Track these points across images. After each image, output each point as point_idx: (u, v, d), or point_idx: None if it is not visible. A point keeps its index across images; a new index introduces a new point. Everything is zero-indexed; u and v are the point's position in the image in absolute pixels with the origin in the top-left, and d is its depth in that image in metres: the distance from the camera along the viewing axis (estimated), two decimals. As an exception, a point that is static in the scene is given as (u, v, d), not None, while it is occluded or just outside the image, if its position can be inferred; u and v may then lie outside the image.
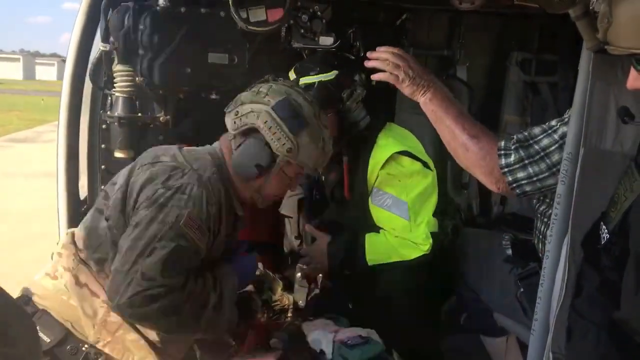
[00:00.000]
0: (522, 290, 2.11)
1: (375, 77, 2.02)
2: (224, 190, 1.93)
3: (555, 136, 1.74)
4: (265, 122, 1.90)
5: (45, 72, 71.14)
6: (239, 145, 1.95)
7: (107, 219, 1.90)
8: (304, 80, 2.34)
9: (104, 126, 2.47)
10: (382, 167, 2.38)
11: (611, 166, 1.46)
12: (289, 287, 2.82)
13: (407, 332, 2.40)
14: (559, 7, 1.43)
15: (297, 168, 2.00)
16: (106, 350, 1.86)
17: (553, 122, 1.78)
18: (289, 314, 2.65)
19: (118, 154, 2.41)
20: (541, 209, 2.00)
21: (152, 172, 1.85)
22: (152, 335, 1.85)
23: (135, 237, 1.76)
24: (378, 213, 2.41)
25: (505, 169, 1.77)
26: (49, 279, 1.92)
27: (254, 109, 1.91)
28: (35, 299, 1.89)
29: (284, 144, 1.90)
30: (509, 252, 2.22)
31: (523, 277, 2.13)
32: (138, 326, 1.87)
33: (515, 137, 1.80)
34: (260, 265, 2.74)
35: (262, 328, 2.10)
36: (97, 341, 1.85)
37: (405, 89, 1.95)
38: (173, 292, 1.75)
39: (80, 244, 1.96)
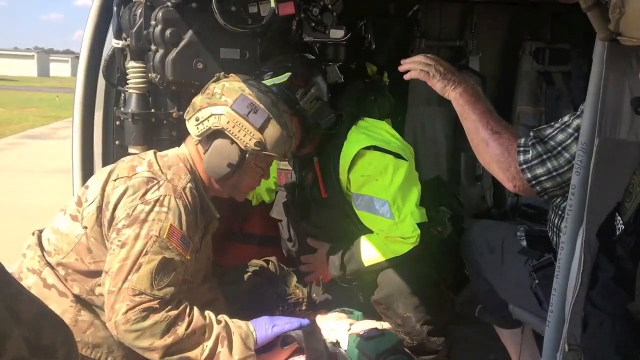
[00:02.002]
0: (537, 281, 2.10)
1: (407, 76, 2.04)
2: (198, 196, 1.97)
3: (570, 130, 1.73)
4: (228, 123, 1.94)
5: (60, 69, 71.68)
6: (207, 149, 1.99)
7: (84, 227, 1.91)
8: None
9: (117, 122, 2.49)
10: (352, 166, 2.36)
11: (626, 156, 1.45)
12: (303, 281, 2.84)
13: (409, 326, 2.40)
14: (570, -3, 1.41)
15: (267, 158, 2.05)
16: None
17: (566, 118, 1.77)
18: (303, 307, 2.66)
19: (132, 150, 2.42)
20: (556, 201, 1.99)
21: (129, 186, 1.87)
22: (153, 358, 1.83)
23: (122, 257, 1.79)
24: (363, 217, 2.41)
25: (524, 166, 1.76)
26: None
27: (213, 112, 1.95)
28: None
29: (251, 140, 1.95)
30: (524, 243, 2.20)
31: (538, 268, 2.11)
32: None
33: (532, 133, 1.78)
34: (273, 259, 2.76)
35: None
36: None
37: (437, 84, 1.95)
38: (166, 306, 1.78)
39: (48, 247, 1.97)
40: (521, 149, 1.77)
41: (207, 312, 1.89)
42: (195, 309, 1.85)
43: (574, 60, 3.27)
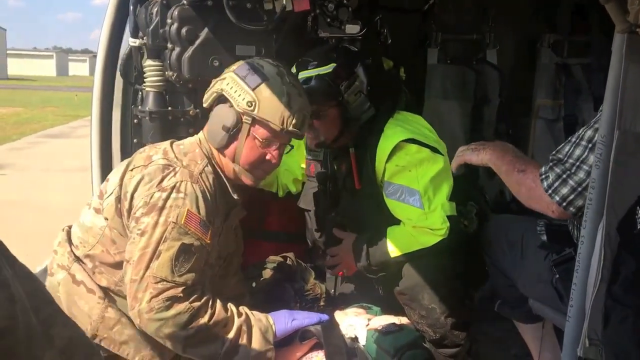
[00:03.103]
0: (557, 276, 2.08)
1: (454, 169, 2.22)
2: (217, 180, 1.97)
3: (583, 142, 1.76)
4: (227, 84, 1.96)
5: (78, 68, 72.50)
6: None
7: (105, 219, 1.94)
8: (302, 74, 2.35)
9: (135, 121, 2.51)
10: (390, 157, 2.36)
11: (647, 149, 1.43)
12: (320, 276, 2.84)
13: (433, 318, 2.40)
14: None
15: (266, 129, 1.96)
16: (103, 345, 1.91)
17: (580, 131, 1.80)
18: (322, 303, 2.67)
19: (150, 148, 2.44)
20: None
21: (145, 174, 1.88)
22: (175, 349, 1.86)
23: (143, 246, 1.80)
24: (393, 205, 2.40)
25: (549, 191, 1.81)
26: (47, 276, 1.98)
27: (220, 79, 1.99)
28: None
29: (244, 99, 1.92)
30: (544, 237, 2.18)
31: (558, 263, 2.09)
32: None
33: (550, 157, 1.85)
34: (291, 255, 2.77)
35: None
36: (93, 337, 1.89)
37: (473, 158, 2.12)
38: (190, 295, 1.79)
39: (76, 241, 2.00)
40: (543, 176, 1.83)
41: (229, 305, 1.90)
42: (218, 301, 1.86)
43: (593, 52, 3.23)
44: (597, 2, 1.43)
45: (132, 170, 1.92)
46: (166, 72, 2.37)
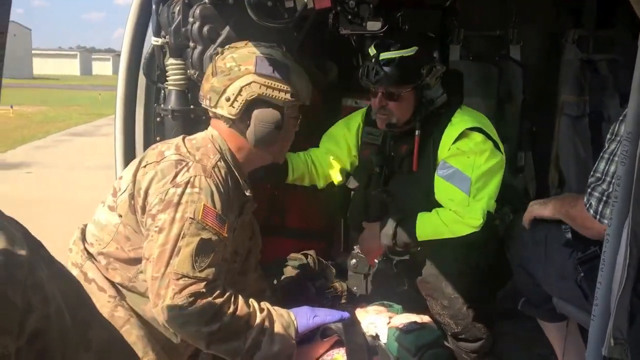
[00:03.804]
0: (582, 274, 2.05)
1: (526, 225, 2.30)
2: (229, 175, 1.97)
3: (616, 158, 1.81)
4: (260, 88, 1.94)
5: (101, 67, 73.40)
6: (248, 124, 1.98)
7: (119, 216, 1.94)
8: (384, 56, 2.38)
9: (158, 119, 2.53)
10: (454, 142, 2.40)
11: (674, 145, 1.40)
12: (341, 274, 2.84)
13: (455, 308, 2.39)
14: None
15: (297, 108, 2.07)
16: None
17: (613, 146, 1.85)
18: (343, 301, 2.67)
19: (173, 146, 2.46)
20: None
21: (158, 170, 1.88)
22: (199, 345, 1.87)
23: (162, 242, 1.80)
24: (440, 184, 2.42)
25: (597, 217, 1.87)
26: None
27: (242, 84, 1.94)
28: None
29: (286, 94, 1.97)
30: (569, 235, 2.16)
31: (583, 261, 2.07)
32: (150, 320, 1.91)
33: (588, 183, 1.92)
34: (312, 252, 2.77)
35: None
36: None
37: (542, 210, 2.23)
38: (213, 291, 1.79)
39: (90, 239, 2.01)
40: (587, 205, 1.90)
41: (251, 301, 1.90)
42: (240, 297, 1.86)
43: (619, 47, 3.17)
44: (623, -4, 1.41)
45: (144, 166, 1.92)
46: (188, 71, 2.39)
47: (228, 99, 1.95)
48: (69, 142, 12.64)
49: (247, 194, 2.09)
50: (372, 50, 2.43)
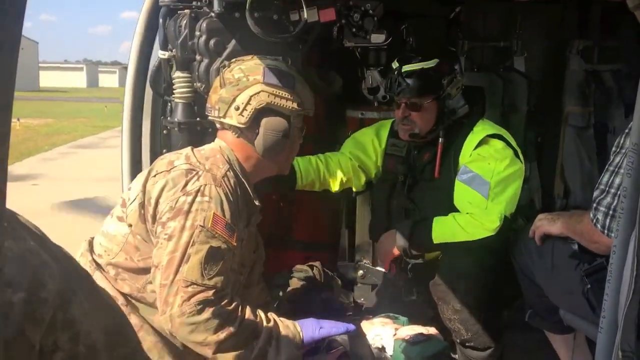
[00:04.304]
0: (589, 286, 2.05)
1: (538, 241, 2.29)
2: (239, 185, 1.99)
3: (621, 170, 1.82)
4: (269, 97, 1.97)
5: (108, 80, 73.79)
6: (257, 132, 2.00)
7: (129, 226, 1.95)
8: (406, 68, 2.48)
9: (164, 131, 2.54)
10: (475, 148, 2.47)
11: (680, 157, 1.40)
12: (347, 286, 2.83)
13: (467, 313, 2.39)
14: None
15: (302, 118, 2.10)
16: None
17: (618, 159, 1.86)
18: (348, 313, 2.66)
19: (179, 158, 2.47)
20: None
21: (168, 179, 1.89)
22: (206, 354, 1.86)
23: (171, 250, 1.81)
24: (459, 188, 2.46)
25: (605, 231, 1.88)
26: None
27: (250, 94, 1.97)
28: None
29: (293, 103, 2.00)
30: (575, 247, 2.15)
31: (590, 273, 2.06)
32: (159, 329, 1.90)
33: (593, 197, 1.93)
34: (318, 264, 2.77)
35: None
36: None
37: (551, 227, 2.23)
38: (221, 300, 1.79)
39: (99, 250, 2.02)
40: (594, 220, 1.91)
41: (258, 311, 1.91)
42: (247, 307, 1.87)
43: (624, 58, 3.17)
44: (627, 7, 1.41)
45: (154, 176, 1.93)
46: (195, 84, 2.40)
47: (237, 108, 1.97)
48: (74, 155, 12.68)
49: (257, 203, 2.11)
50: (395, 64, 2.53)
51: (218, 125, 2.08)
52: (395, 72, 2.50)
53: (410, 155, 2.70)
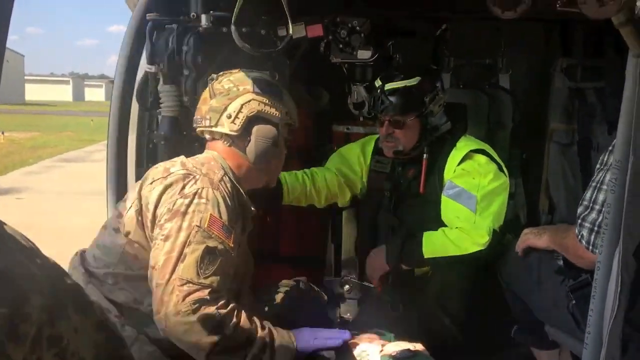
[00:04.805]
0: (574, 302, 2.06)
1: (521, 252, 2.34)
2: (235, 191, 2.00)
3: (604, 187, 1.85)
4: (259, 105, 2.02)
5: (94, 94, 73.54)
6: (248, 140, 2.04)
7: (126, 235, 1.94)
8: (389, 86, 2.51)
9: (150, 145, 2.53)
10: (459, 164, 2.49)
11: (663, 174, 1.42)
12: (334, 301, 2.82)
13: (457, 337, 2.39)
14: (601, 14, 1.40)
15: (288, 127, 2.13)
16: None
17: (600, 175, 1.90)
18: (335, 328, 2.64)
19: (165, 172, 2.46)
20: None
21: (166, 184, 1.90)
22: (198, 356, 1.83)
23: (167, 250, 1.81)
24: (446, 203, 2.48)
25: (590, 247, 1.91)
26: None
27: (242, 102, 2.01)
28: None
29: (280, 112, 2.06)
30: (560, 262, 2.17)
31: (575, 288, 2.08)
32: (154, 340, 1.89)
33: (577, 213, 1.97)
34: (304, 279, 2.75)
35: None
36: None
37: (536, 241, 2.28)
38: (217, 301, 1.78)
39: (94, 263, 2.00)
40: (579, 236, 1.94)
41: (254, 318, 1.89)
42: (243, 312, 1.85)
43: (607, 76, 3.22)
44: (611, 26, 1.43)
45: (151, 183, 1.94)
46: (181, 98, 2.40)
47: (229, 116, 2.01)
48: (60, 168, 12.58)
49: (252, 208, 2.12)
50: (377, 82, 2.55)
51: (208, 136, 2.10)
52: (379, 90, 2.53)
53: (395, 172, 2.71)
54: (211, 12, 2.34)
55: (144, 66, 2.49)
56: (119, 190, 2.58)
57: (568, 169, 3.32)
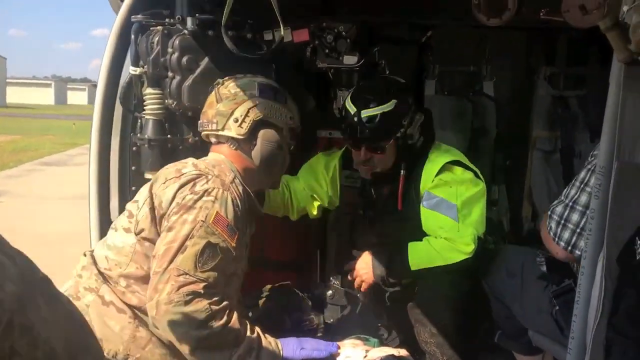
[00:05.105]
0: (557, 307, 2.07)
1: None
2: (245, 194, 2.02)
3: (577, 183, 1.88)
4: (265, 109, 2.08)
5: (77, 97, 72.83)
6: (254, 143, 2.08)
7: (137, 234, 1.95)
8: (366, 113, 2.41)
9: (134, 148, 2.51)
10: (435, 178, 2.45)
11: (645, 180, 1.43)
12: (318, 306, 2.81)
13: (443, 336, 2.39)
14: (585, 22, 1.42)
15: (292, 132, 2.18)
16: None
17: (578, 173, 1.93)
18: (319, 334, 2.63)
19: (148, 175, 2.43)
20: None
21: (181, 184, 1.92)
22: (183, 349, 1.84)
23: (169, 240, 1.83)
24: (427, 214, 2.45)
25: (556, 239, 1.94)
26: (72, 299, 1.95)
27: (248, 106, 2.06)
28: None
29: (285, 116, 2.12)
30: (544, 268, 2.18)
31: (558, 294, 2.09)
32: (167, 341, 1.88)
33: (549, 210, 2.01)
34: (289, 284, 2.74)
35: None
36: (126, 357, 1.88)
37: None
38: (211, 296, 1.79)
39: (106, 264, 2.00)
40: (548, 228, 1.97)
41: (245, 320, 1.90)
42: (235, 312, 1.86)
43: (589, 85, 3.26)
44: (594, 35, 1.45)
45: (164, 182, 1.96)
46: (166, 100, 2.38)
47: (236, 120, 2.06)
48: (41, 172, 12.43)
49: (260, 213, 2.19)
50: (351, 108, 2.44)
51: (214, 139, 2.14)
52: (355, 118, 2.42)
53: (366, 188, 2.67)
54: (197, 15, 2.33)
55: (128, 68, 2.47)
56: (102, 194, 2.55)
57: (551, 175, 3.35)
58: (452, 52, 3.44)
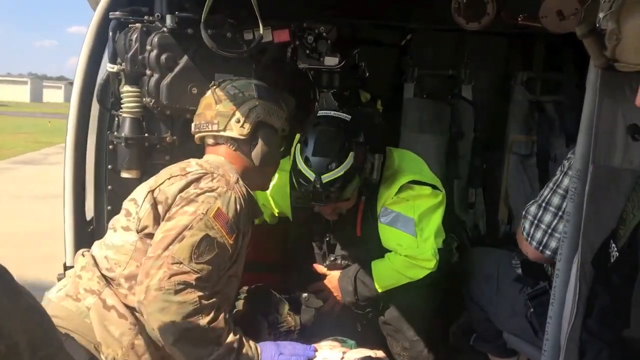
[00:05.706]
0: (532, 310, 2.09)
1: None
2: (248, 195, 2.02)
3: (551, 184, 1.92)
4: (264, 110, 2.11)
5: (53, 95, 71.84)
6: (254, 143, 2.11)
7: (140, 231, 1.93)
8: (327, 178, 2.29)
9: (110, 147, 2.47)
10: (394, 195, 2.43)
11: (620, 184, 1.45)
12: (295, 308, 2.80)
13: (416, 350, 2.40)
14: (562, 28, 1.44)
15: (283, 133, 2.21)
16: None
17: (558, 176, 1.95)
18: (295, 335, 2.62)
19: (124, 174, 2.40)
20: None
21: (188, 182, 1.93)
22: (165, 339, 1.82)
23: (167, 228, 1.84)
24: (385, 231, 2.43)
25: (528, 239, 1.97)
26: (71, 300, 1.92)
27: (250, 107, 2.09)
28: (56, 321, 1.86)
29: (281, 117, 2.16)
30: (519, 271, 2.20)
31: (533, 296, 2.11)
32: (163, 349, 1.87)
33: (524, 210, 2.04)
34: (265, 285, 2.72)
35: None
36: None
37: None
38: (202, 289, 1.78)
39: (106, 264, 1.97)
40: (522, 229, 2.01)
41: (229, 321, 1.88)
42: (223, 313, 1.85)
43: (565, 90, 3.31)
44: (571, 41, 1.47)
45: (169, 179, 1.96)
46: (144, 99, 2.36)
47: (238, 121, 2.08)
48: (15, 170, 12.23)
49: (261, 212, 2.22)
50: (309, 173, 2.32)
51: (210, 141, 2.14)
52: (318, 185, 2.29)
53: (319, 215, 2.61)
54: (176, 12, 2.31)
55: (105, 66, 2.43)
56: (77, 192, 2.51)
57: (527, 179, 3.39)
58: (432, 55, 3.46)
